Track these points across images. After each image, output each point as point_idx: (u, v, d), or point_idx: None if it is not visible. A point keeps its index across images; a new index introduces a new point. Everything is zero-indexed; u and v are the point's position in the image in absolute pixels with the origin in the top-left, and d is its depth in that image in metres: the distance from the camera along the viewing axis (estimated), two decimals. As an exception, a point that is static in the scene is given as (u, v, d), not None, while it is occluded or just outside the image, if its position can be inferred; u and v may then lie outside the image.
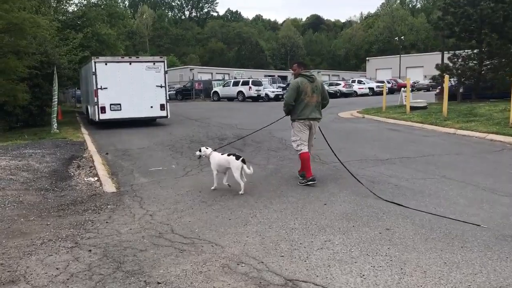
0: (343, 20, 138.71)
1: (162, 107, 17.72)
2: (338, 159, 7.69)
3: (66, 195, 6.98)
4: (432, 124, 14.02)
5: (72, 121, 21.08)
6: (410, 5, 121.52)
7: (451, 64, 21.59)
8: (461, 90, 22.38)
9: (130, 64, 17.29)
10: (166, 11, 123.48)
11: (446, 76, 14.79)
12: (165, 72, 17.77)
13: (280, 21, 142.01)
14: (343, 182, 7.15)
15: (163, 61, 17.78)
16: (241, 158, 6.56)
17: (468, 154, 9.47)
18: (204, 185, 7.27)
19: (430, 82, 52.03)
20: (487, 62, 21.08)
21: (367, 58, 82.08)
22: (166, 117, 18.01)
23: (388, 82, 52.67)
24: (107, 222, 5.51)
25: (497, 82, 19.99)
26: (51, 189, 7.29)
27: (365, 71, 79.68)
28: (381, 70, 73.79)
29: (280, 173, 8.11)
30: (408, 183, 7.01)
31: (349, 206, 5.89)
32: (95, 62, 16.69)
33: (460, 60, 21.40)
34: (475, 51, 21.63)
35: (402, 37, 73.18)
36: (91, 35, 25.93)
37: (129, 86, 17.05)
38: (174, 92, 45.46)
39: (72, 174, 8.64)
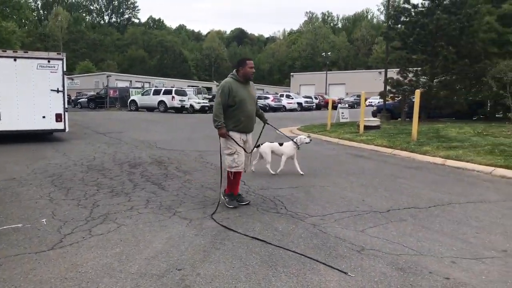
0: (266, 35, 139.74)
1: (59, 117, 13.68)
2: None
3: None
4: (405, 150, 11.12)
5: None
6: (332, 24, 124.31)
7: (401, 79, 19.38)
8: (405, 108, 20.50)
9: (15, 60, 13.11)
10: (84, 14, 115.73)
11: (417, 91, 12.09)
12: (64, 73, 13.74)
13: (204, 32, 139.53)
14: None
15: (62, 59, 13.73)
16: None
17: (497, 202, 6.40)
18: None
19: (354, 99, 52.23)
20: (441, 78, 19.04)
21: (291, 74, 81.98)
22: (64, 130, 13.94)
23: (316, 98, 51.65)
24: None
25: (451, 101, 18.04)
26: None
27: (289, 86, 79.33)
28: (305, 85, 74.03)
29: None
30: (465, 274, 3.89)
31: None
32: (-37, 55, 12.42)
33: (411, 75, 19.24)
34: (423, 67, 19.68)
35: (328, 53, 72.99)
36: (-26, 25, 20.96)
37: (12, 89, 12.98)
38: (86, 99, 41.44)
39: None
